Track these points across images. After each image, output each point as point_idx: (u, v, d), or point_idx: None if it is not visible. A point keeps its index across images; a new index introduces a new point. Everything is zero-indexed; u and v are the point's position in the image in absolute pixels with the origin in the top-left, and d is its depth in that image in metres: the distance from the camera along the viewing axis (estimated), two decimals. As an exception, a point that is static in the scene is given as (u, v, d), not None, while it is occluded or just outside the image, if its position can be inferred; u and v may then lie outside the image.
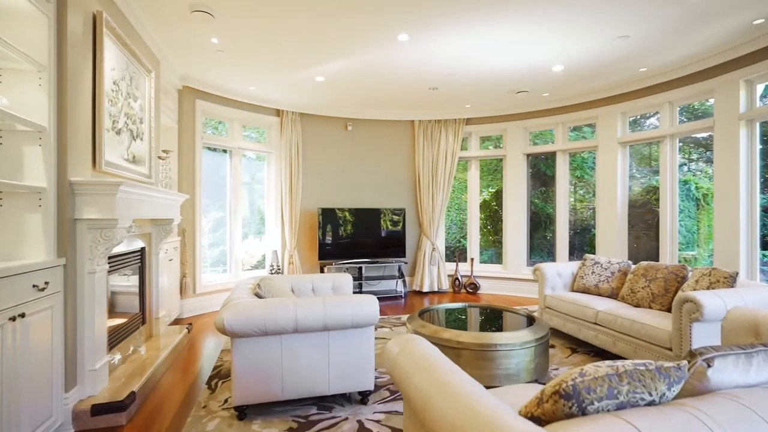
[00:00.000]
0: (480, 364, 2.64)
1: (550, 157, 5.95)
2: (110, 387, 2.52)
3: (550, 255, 6.06)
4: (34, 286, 1.95)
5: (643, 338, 2.91)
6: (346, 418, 2.33)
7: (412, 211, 6.41)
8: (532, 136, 6.16)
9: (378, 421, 2.30)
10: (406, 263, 6.17)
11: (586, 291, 3.91)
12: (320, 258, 5.79)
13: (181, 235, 4.78)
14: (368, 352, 2.47)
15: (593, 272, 3.91)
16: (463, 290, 6.26)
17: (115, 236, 2.45)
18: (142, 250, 3.44)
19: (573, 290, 4.02)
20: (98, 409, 2.28)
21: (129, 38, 3.06)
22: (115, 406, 2.31)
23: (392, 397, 2.62)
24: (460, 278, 6.24)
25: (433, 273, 6.24)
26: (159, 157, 3.64)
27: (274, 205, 5.81)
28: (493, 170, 6.63)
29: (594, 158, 5.59)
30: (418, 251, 6.33)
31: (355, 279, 5.83)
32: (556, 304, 3.84)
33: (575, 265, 4.15)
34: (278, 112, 5.73)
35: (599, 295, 3.81)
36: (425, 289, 6.18)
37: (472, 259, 6.27)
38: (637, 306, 3.40)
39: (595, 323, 3.36)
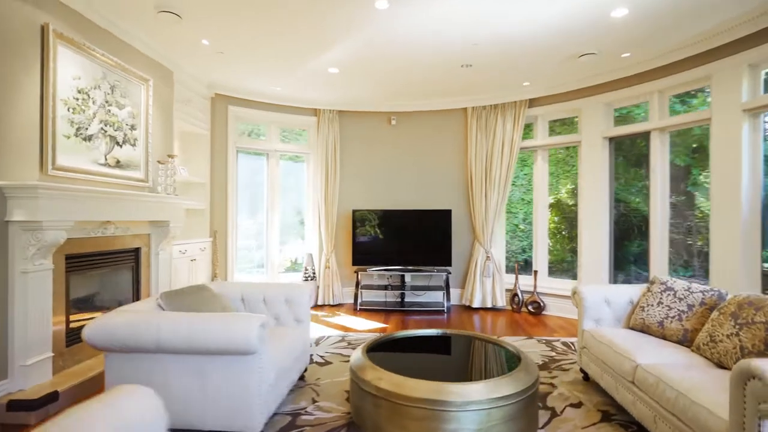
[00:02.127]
0: (427, 428, 1.89)
1: (643, 139, 4.40)
2: (49, 383, 2.61)
3: (644, 270, 4.49)
4: (-69, 283, 2.07)
5: (688, 423, 1.74)
6: (212, 464, 1.92)
7: (464, 213, 5.54)
8: (620, 113, 4.67)
9: (239, 477, 1.83)
10: (449, 273, 5.34)
11: (645, 329, 2.66)
12: (354, 263, 5.43)
13: (213, 236, 4.98)
14: (250, 385, 2.01)
15: (661, 302, 2.63)
16: (523, 309, 5.13)
17: (45, 237, 2.52)
18: (137, 250, 3.61)
19: (629, 326, 2.78)
20: (13, 405, 2.35)
21: (108, 48, 3.21)
22: (26, 404, 2.35)
23: (293, 444, 2.10)
24: (520, 294, 5.12)
25: (486, 286, 5.26)
26: (159, 162, 3.79)
27: (312, 208, 5.68)
28: (570, 163, 5.28)
29: (707, 137, 3.91)
30: (470, 260, 5.43)
31: (396, 288, 5.30)
32: (592, 345, 2.70)
33: (636, 290, 2.88)
34: (315, 112, 5.58)
35: (663, 337, 2.54)
36: (475, 304, 5.25)
37: (535, 272, 5.08)
38: (718, 363, 2.13)
39: (633, 383, 2.21)
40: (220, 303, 2.60)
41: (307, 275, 5.45)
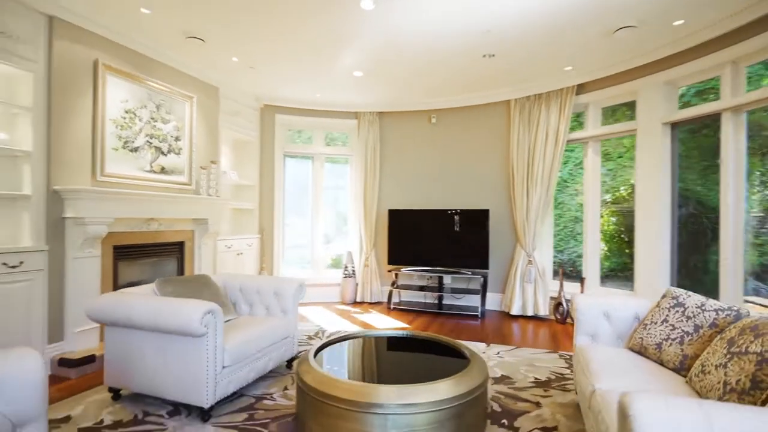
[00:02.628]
0: (335, 425, 1.92)
1: (713, 124, 3.59)
2: (93, 349, 3.24)
3: (713, 281, 3.65)
4: (3, 263, 2.76)
5: (607, 463, 1.45)
6: (164, 427, 2.20)
7: (505, 213, 5.17)
8: (686, 93, 3.89)
9: (176, 444, 2.07)
10: (486, 276, 5.02)
11: (642, 351, 2.22)
12: (389, 263, 5.47)
13: (260, 234, 5.52)
14: (200, 364, 2.25)
15: (666, 320, 2.18)
16: (568, 320, 4.59)
17: (89, 231, 3.15)
18: (181, 243, 4.21)
19: (630, 346, 2.35)
20: (61, 362, 2.99)
21: (152, 72, 3.84)
22: (70, 362, 2.96)
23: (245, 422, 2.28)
24: (564, 303, 4.59)
25: (528, 293, 4.83)
26: (202, 167, 4.37)
27: (353, 208, 5.89)
28: (629, 156, 4.55)
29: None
30: (511, 264, 5.05)
31: (433, 290, 5.21)
32: (576, 364, 2.35)
33: (645, 304, 2.41)
34: (356, 115, 5.77)
35: (660, 362, 2.10)
36: (514, 311, 4.86)
37: (582, 279, 4.51)
38: (706, 398, 1.71)
39: (589, 408, 1.88)
40: (210, 291, 2.93)
41: (346, 273, 5.67)
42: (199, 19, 3.33)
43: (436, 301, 5.37)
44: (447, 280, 5.37)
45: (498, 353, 3.52)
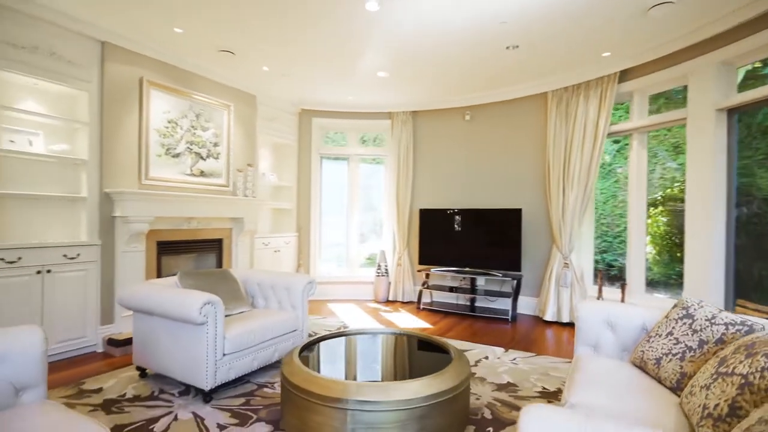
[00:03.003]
0: (305, 417, 2.00)
1: (784, 106, 3.06)
2: (138, 331, 3.68)
3: (780, 296, 3.11)
4: (63, 255, 3.26)
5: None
6: (171, 405, 2.46)
7: (540, 213, 4.88)
8: (744, 74, 3.36)
9: (199, 419, 2.30)
10: (519, 278, 4.78)
11: (642, 366, 2.00)
12: (420, 262, 5.44)
13: (298, 232, 5.80)
14: (199, 350, 2.47)
15: (671, 333, 1.94)
16: (607, 329, 4.20)
17: (132, 228, 3.58)
18: (220, 240, 4.60)
19: (632, 359, 2.12)
20: (110, 342, 3.44)
21: (192, 85, 4.24)
22: (115, 342, 3.40)
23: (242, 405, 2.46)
24: (604, 311, 4.21)
25: (563, 298, 4.52)
26: (238, 170, 4.72)
27: (387, 207, 5.94)
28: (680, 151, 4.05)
29: None
30: (546, 266, 4.75)
31: (464, 291, 5.11)
32: (569, 373, 2.17)
33: (655, 314, 2.15)
34: (390, 115, 5.82)
35: (659, 380, 1.88)
36: (547, 316, 4.57)
37: (623, 285, 4.10)
38: (690, 422, 1.52)
39: (561, 424, 1.74)
40: (227, 284, 3.18)
41: (379, 271, 5.75)
42: (225, 34, 3.61)
43: (468, 303, 5.24)
44: (480, 281, 5.21)
45: (513, 359, 3.35)
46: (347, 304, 5.48)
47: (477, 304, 5.21)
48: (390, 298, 5.73)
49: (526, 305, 5.00)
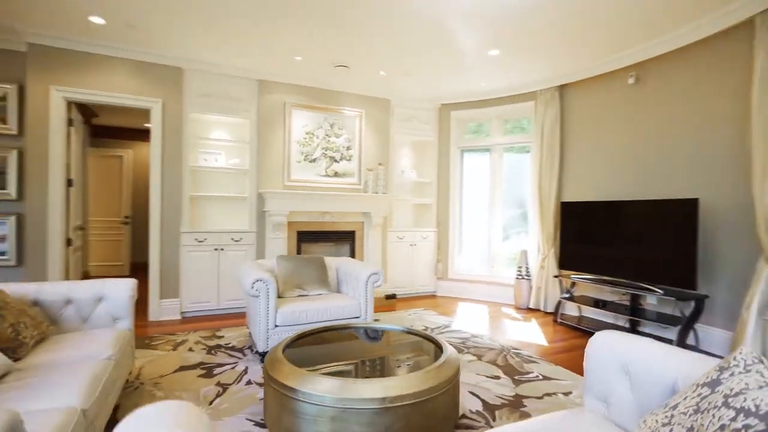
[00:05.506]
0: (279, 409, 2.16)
1: None
2: (280, 301, 4.68)
3: None
4: (231, 238, 4.55)
5: None
6: (242, 357, 3.12)
7: (736, 206, 3.18)
8: None
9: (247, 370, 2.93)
10: (698, 299, 3.26)
11: (634, 449, 1.18)
12: (560, 266, 4.51)
13: (437, 227, 5.81)
14: (257, 319, 3.02)
15: (676, 407, 1.10)
16: None
17: (273, 220, 4.60)
18: (353, 232, 5.21)
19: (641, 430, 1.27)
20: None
21: (326, 99, 5.00)
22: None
23: (275, 371, 2.88)
24: None
25: (773, 338, 2.83)
26: (368, 170, 5.21)
27: (532, 201, 5.16)
28: None
29: None
30: (746, 286, 3.08)
31: (624, 312, 3.93)
32: None
33: (698, 365, 1.20)
34: (533, 95, 5.04)
35: (629, 476, 1.09)
36: (741, 364, 2.95)
37: None
38: None
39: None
40: (315, 269, 3.66)
41: (519, 274, 5.08)
42: (334, 52, 4.11)
43: (628, 326, 3.98)
44: (651, 300, 3.87)
45: None
46: (479, 305, 5.12)
47: (643, 328, 3.89)
48: (531, 306, 4.97)
49: (712, 340, 3.39)
